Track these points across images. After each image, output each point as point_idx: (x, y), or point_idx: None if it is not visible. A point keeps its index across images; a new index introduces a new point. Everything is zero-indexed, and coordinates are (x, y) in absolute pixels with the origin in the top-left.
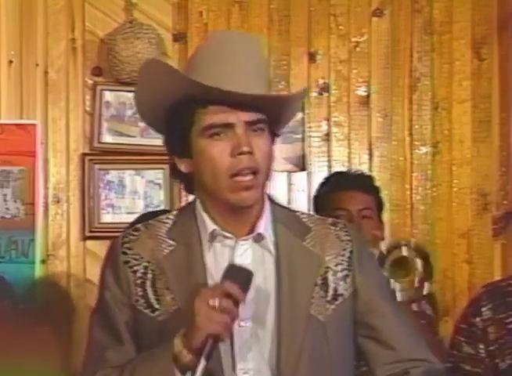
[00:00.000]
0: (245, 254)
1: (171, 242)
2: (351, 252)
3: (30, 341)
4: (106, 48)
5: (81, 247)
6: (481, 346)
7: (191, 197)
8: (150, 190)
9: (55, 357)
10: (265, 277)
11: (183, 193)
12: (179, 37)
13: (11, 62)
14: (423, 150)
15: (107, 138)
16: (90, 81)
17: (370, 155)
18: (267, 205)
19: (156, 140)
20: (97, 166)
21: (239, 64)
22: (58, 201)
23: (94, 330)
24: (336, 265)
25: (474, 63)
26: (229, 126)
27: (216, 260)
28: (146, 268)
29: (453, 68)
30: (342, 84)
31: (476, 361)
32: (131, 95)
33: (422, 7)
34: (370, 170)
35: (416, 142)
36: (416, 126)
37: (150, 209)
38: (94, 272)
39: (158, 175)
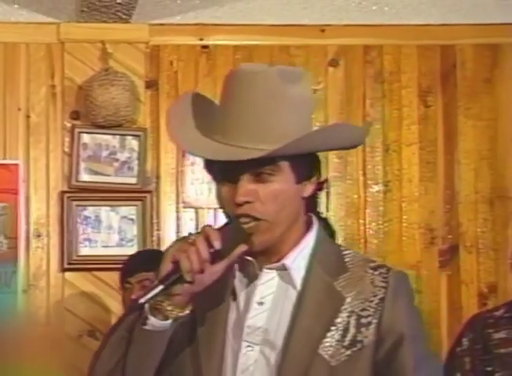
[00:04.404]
0: (269, 283)
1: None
2: (381, 299)
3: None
4: (84, 94)
5: (60, 279)
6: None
7: (162, 232)
8: (124, 225)
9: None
10: (282, 312)
11: (155, 227)
12: (151, 84)
13: None
14: (376, 188)
15: (84, 176)
16: (68, 125)
17: (327, 193)
18: (306, 240)
19: (130, 179)
20: (75, 203)
21: (247, 119)
22: (39, 235)
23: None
24: (361, 310)
25: (420, 109)
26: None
27: (241, 282)
28: None
29: (402, 114)
30: None
31: None
32: (106, 137)
33: (373, 58)
34: (327, 207)
35: (369, 181)
36: (369, 166)
37: (124, 243)
38: (72, 302)
39: (132, 211)
